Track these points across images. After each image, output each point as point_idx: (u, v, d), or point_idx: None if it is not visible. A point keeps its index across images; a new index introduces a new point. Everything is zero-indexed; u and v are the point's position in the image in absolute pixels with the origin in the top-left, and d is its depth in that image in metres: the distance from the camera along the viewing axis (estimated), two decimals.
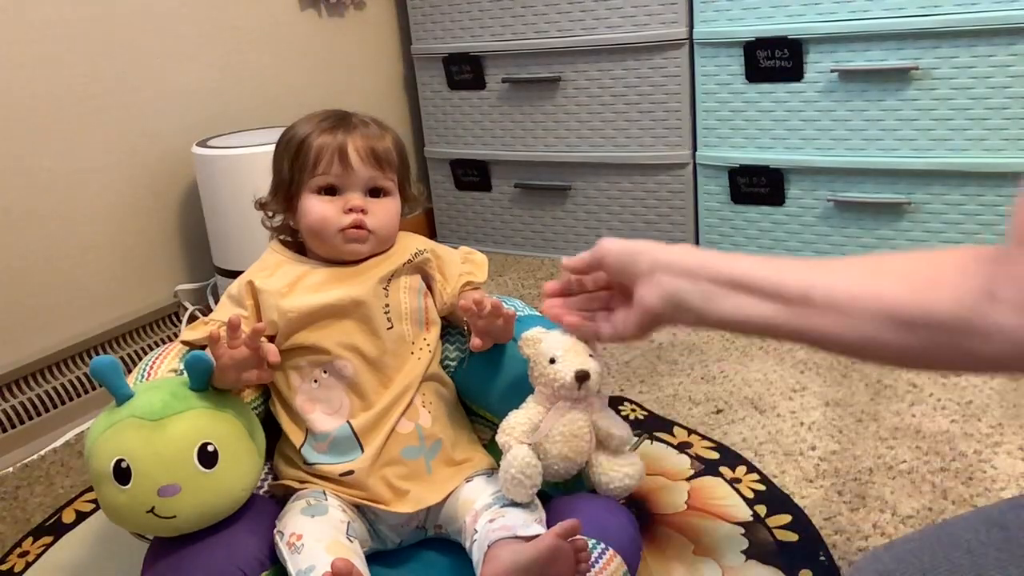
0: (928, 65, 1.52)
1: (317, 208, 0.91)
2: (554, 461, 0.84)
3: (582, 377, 0.83)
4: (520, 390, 0.92)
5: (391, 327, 0.91)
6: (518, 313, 0.96)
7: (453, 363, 0.98)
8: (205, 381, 0.82)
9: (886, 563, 0.54)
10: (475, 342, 0.89)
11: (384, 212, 0.93)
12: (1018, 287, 0.58)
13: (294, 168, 0.93)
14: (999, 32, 1.45)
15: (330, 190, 0.92)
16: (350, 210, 0.90)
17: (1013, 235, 0.58)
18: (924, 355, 0.62)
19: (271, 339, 0.88)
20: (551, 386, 0.84)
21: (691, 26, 1.74)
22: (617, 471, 0.87)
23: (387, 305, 0.91)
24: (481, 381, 0.95)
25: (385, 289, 0.92)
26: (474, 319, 0.88)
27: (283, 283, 0.91)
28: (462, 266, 0.98)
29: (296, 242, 0.98)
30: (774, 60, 1.65)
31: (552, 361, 0.84)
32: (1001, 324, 0.58)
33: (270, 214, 0.98)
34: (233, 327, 0.81)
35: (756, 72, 1.68)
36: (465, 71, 2.01)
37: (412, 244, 0.97)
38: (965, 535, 0.53)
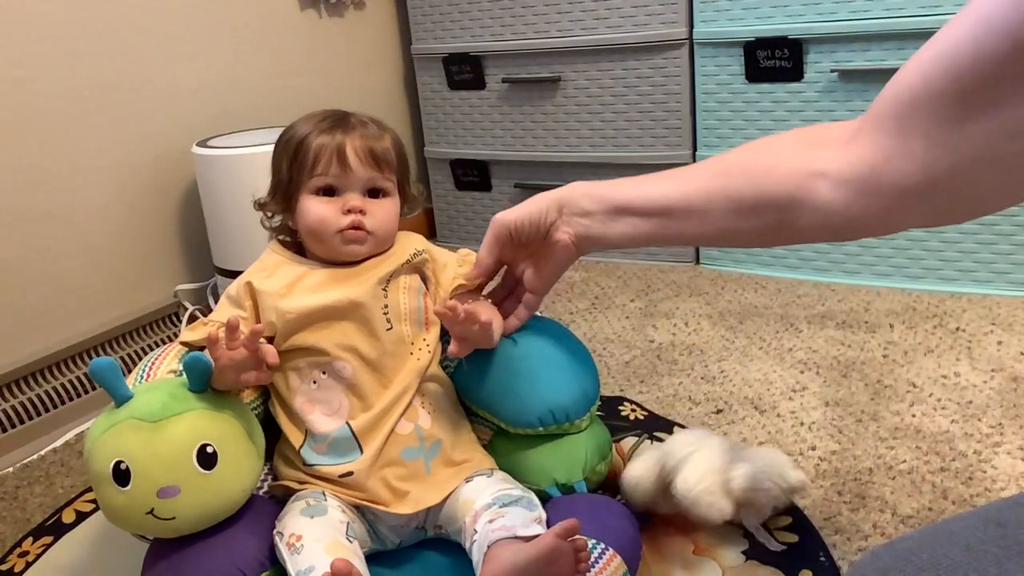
0: None
1: (316, 209, 0.91)
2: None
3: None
4: (519, 390, 0.92)
5: (390, 328, 0.91)
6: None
7: (453, 363, 0.98)
8: (204, 382, 0.82)
9: (885, 561, 0.54)
10: (452, 348, 0.89)
11: (383, 213, 0.92)
12: (843, 163, 0.65)
13: (293, 168, 0.92)
14: None
15: (329, 191, 0.91)
16: (349, 211, 0.90)
17: (867, 113, 0.64)
18: (767, 233, 0.75)
19: (270, 340, 0.88)
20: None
21: (691, 26, 1.74)
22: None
23: (386, 306, 0.91)
24: (481, 381, 0.95)
25: (384, 290, 0.92)
26: (450, 325, 0.88)
27: (282, 284, 0.91)
28: (459, 269, 0.98)
29: (295, 242, 0.97)
30: (774, 60, 1.65)
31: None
32: (819, 197, 0.67)
33: (269, 214, 0.98)
34: (231, 328, 0.80)
35: (756, 72, 1.68)
36: (465, 71, 2.01)
37: (411, 244, 0.96)
38: (964, 533, 0.53)
